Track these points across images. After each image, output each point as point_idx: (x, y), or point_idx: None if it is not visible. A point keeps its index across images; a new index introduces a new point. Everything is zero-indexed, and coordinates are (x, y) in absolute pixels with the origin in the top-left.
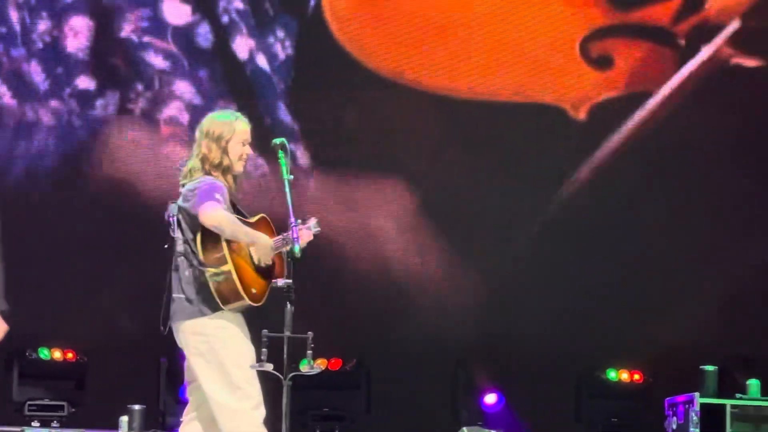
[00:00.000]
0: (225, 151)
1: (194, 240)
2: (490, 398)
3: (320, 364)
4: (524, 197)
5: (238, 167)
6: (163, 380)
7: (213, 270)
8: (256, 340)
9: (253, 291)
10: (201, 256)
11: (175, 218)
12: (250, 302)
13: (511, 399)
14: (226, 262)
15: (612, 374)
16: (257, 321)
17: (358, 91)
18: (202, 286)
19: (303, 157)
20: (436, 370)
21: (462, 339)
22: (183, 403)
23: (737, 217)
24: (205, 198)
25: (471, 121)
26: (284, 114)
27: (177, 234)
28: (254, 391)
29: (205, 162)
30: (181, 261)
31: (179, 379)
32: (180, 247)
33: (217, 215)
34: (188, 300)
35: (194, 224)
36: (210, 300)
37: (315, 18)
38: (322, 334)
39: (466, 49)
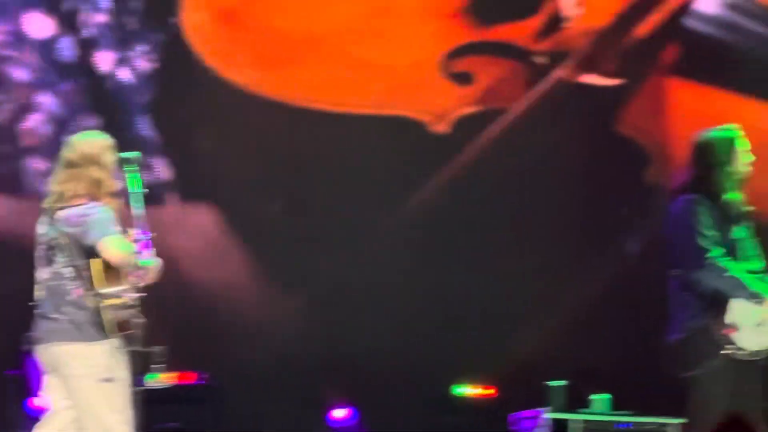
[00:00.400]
0: (113, 176)
1: (87, 267)
2: (341, 413)
3: (169, 379)
4: (381, 209)
5: None
6: (10, 393)
7: (112, 301)
8: None
9: (140, 321)
10: (98, 286)
11: (56, 241)
12: (139, 333)
13: (362, 415)
14: (125, 294)
15: (462, 389)
16: None
17: (220, 104)
18: (93, 313)
19: (164, 172)
20: (287, 385)
21: (313, 354)
22: (30, 416)
23: (586, 233)
24: (108, 231)
25: (332, 134)
26: (146, 128)
27: (58, 257)
28: (130, 415)
29: (99, 188)
30: (63, 284)
31: (26, 393)
32: (63, 270)
33: (123, 252)
34: (72, 323)
35: (86, 251)
36: (101, 326)
37: (177, 32)
38: (172, 348)
39: (329, 64)
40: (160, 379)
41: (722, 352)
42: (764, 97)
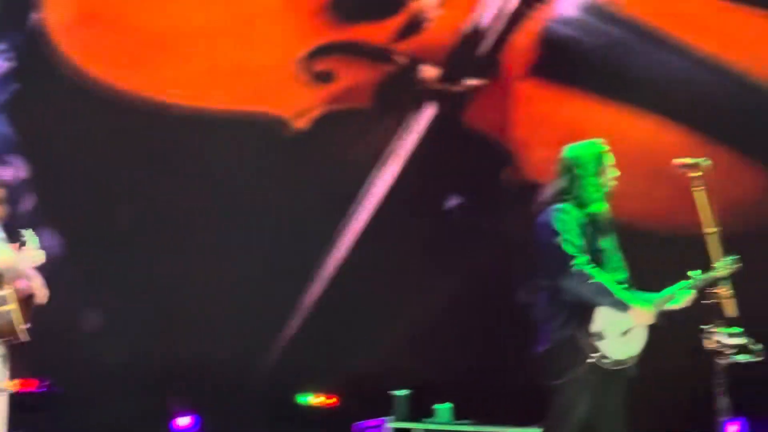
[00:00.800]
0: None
1: None
2: (184, 421)
3: (10, 386)
4: (239, 210)
5: None
6: None
7: None
8: None
9: (23, 327)
10: None
11: None
12: (23, 339)
13: (205, 423)
14: (9, 301)
15: (306, 398)
16: None
17: (81, 102)
18: None
19: (21, 170)
20: (130, 393)
21: (157, 361)
22: None
23: (434, 241)
24: None
25: (193, 131)
26: (3, 126)
27: None
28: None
29: None
30: None
31: None
32: None
33: (7, 258)
34: None
35: None
36: None
37: (38, 30)
38: (13, 354)
39: (191, 62)
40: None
41: (587, 360)
42: (620, 100)
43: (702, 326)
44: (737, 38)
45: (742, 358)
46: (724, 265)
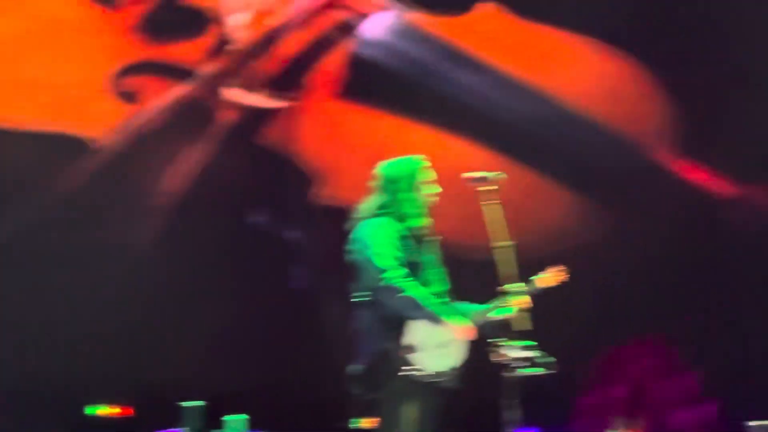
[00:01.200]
0: None
1: None
2: None
3: None
4: (41, 225)
5: None
6: None
7: None
8: None
9: None
10: None
11: None
12: None
13: None
14: None
15: (98, 409)
16: None
17: None
18: None
19: None
20: None
21: None
22: None
23: (230, 256)
24: None
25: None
26: None
27: None
28: None
29: None
30: None
31: None
32: None
33: None
34: None
35: None
36: None
37: None
38: None
39: None
40: None
41: (403, 374)
42: (429, 121)
43: (490, 339)
44: (546, 59)
45: (530, 371)
46: (551, 276)
